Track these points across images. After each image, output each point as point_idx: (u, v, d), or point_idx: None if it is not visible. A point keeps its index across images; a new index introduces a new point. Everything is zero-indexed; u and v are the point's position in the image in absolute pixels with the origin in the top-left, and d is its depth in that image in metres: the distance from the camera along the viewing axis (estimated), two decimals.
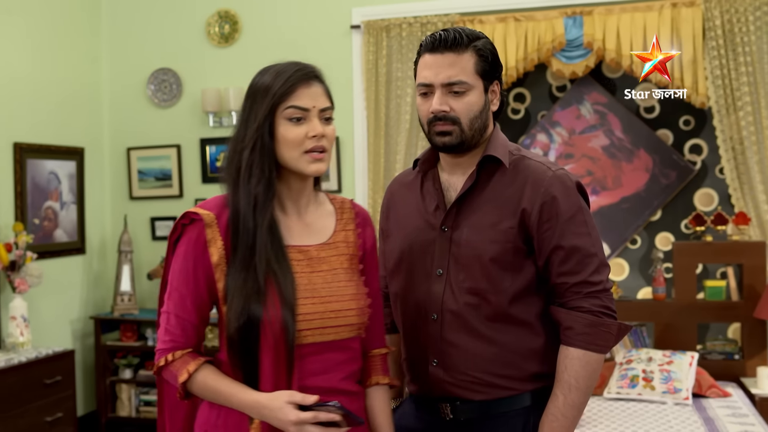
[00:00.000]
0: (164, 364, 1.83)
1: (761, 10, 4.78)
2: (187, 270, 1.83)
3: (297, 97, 1.82)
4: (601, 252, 2.05)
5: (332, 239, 1.95)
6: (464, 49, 2.03)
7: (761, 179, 4.78)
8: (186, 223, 1.86)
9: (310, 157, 1.83)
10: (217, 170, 5.68)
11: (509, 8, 5.17)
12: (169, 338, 1.83)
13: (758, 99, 4.78)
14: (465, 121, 2.03)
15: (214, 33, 5.67)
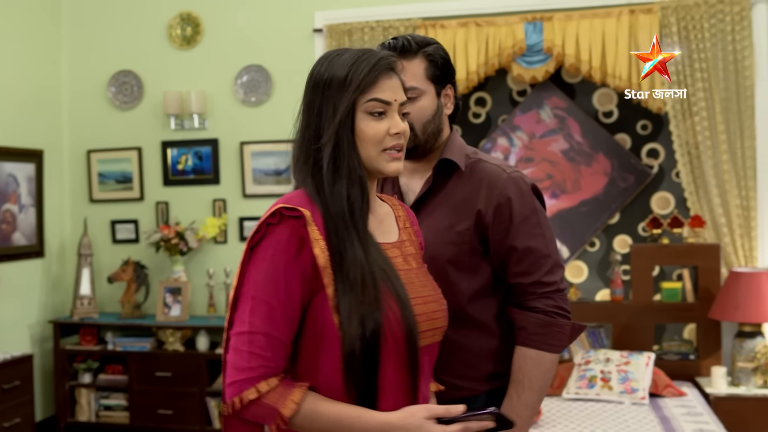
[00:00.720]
0: (256, 397, 1.50)
1: (716, 17, 4.88)
2: (276, 277, 1.54)
3: (380, 89, 1.63)
4: (555, 253, 2.08)
5: (401, 237, 1.78)
6: (413, 55, 2.07)
7: (716, 183, 4.88)
8: (274, 222, 1.58)
9: (389, 156, 1.66)
10: (178, 173, 5.66)
11: (470, 14, 5.22)
12: (259, 363, 1.51)
13: (713, 105, 4.87)
14: (418, 126, 2.07)
15: (176, 35, 5.65)
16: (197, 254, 5.63)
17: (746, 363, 4.60)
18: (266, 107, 5.55)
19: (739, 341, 4.65)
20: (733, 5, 4.85)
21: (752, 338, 4.63)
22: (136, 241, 5.76)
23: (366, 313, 1.53)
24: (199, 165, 5.65)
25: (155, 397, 5.27)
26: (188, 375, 5.24)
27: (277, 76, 5.53)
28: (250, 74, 5.55)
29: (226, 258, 5.60)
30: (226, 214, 5.59)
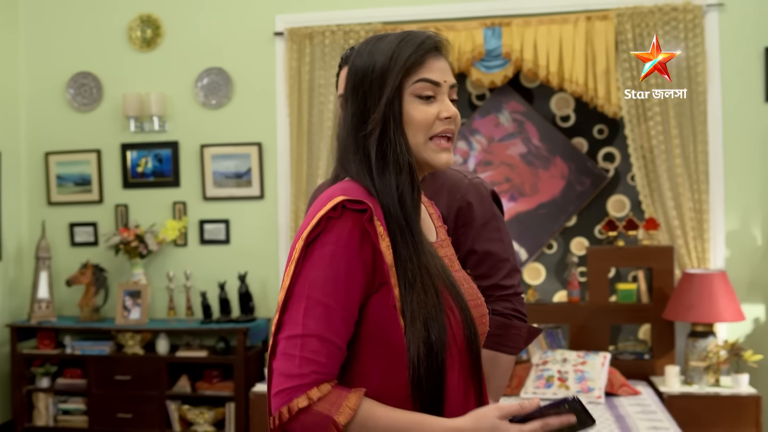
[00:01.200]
0: (307, 405, 1.35)
1: (670, 24, 4.99)
2: (337, 276, 1.40)
3: (427, 68, 1.50)
4: (513, 257, 2.13)
5: (439, 237, 1.64)
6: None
7: (669, 186, 4.98)
8: (335, 215, 1.43)
9: (437, 146, 1.51)
10: (138, 175, 5.63)
11: (430, 18, 5.27)
12: (311, 369, 1.36)
13: (667, 110, 4.98)
14: None
15: (136, 37, 5.63)
16: (157, 257, 5.61)
17: (698, 362, 4.71)
18: (227, 110, 5.55)
19: (692, 341, 4.76)
20: (686, 13, 4.97)
21: (704, 338, 4.74)
22: (95, 244, 5.72)
23: (430, 315, 1.41)
24: (159, 167, 5.63)
25: (114, 400, 5.24)
26: (148, 378, 5.22)
27: (238, 79, 5.53)
28: (211, 77, 5.55)
29: (186, 261, 5.59)
30: (187, 216, 5.58)
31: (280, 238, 5.48)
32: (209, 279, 5.53)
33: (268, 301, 5.52)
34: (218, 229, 5.58)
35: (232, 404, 5.14)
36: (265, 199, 5.52)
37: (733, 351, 4.70)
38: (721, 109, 5.04)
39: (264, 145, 5.50)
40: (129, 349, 5.30)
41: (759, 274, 5.05)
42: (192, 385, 5.25)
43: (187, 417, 5.18)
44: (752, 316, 5.05)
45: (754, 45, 5.03)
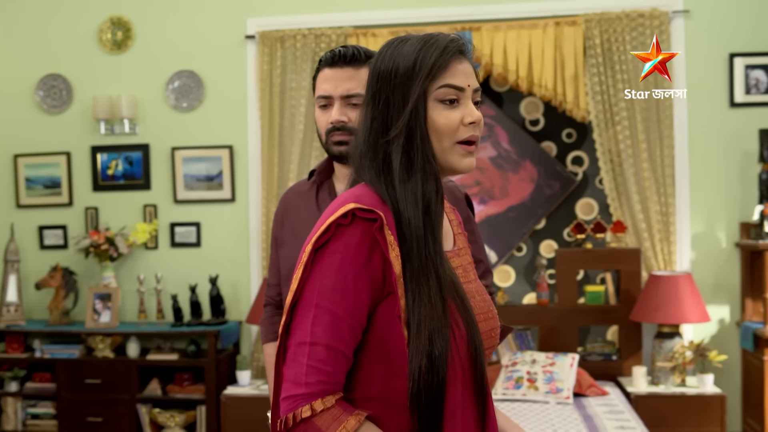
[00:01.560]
0: (309, 416, 1.37)
1: (637, 30, 5.07)
2: (345, 284, 1.40)
3: (451, 74, 1.47)
4: (486, 259, 2.17)
5: (456, 246, 1.61)
6: (362, 64, 2.13)
7: (637, 190, 5.06)
8: (345, 223, 1.42)
9: (463, 150, 1.49)
10: (108, 178, 5.61)
11: (401, 23, 5.31)
12: (318, 378, 1.38)
13: (634, 114, 5.06)
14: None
15: (107, 39, 5.61)
16: (128, 260, 5.59)
17: (665, 362, 4.78)
18: (198, 113, 5.55)
19: (659, 342, 4.84)
20: (653, 19, 5.05)
21: (671, 339, 4.82)
22: (65, 247, 5.69)
23: (435, 329, 1.39)
24: (129, 170, 5.61)
25: (84, 404, 5.22)
26: (118, 382, 5.20)
27: (209, 82, 5.54)
28: (182, 80, 5.55)
29: (156, 264, 5.57)
30: (157, 219, 5.57)
31: (251, 241, 5.49)
32: (180, 282, 5.52)
33: (239, 304, 5.52)
34: (189, 232, 5.57)
35: (203, 407, 5.14)
36: (236, 202, 5.53)
37: (698, 351, 4.78)
38: (687, 114, 5.13)
39: (235, 148, 5.50)
40: (99, 352, 5.28)
41: (723, 275, 5.15)
42: (163, 389, 5.24)
43: (157, 420, 5.17)
44: (717, 317, 5.15)
45: (718, 51, 5.13)
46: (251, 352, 5.43)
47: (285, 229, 2.32)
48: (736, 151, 5.13)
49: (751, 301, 5.03)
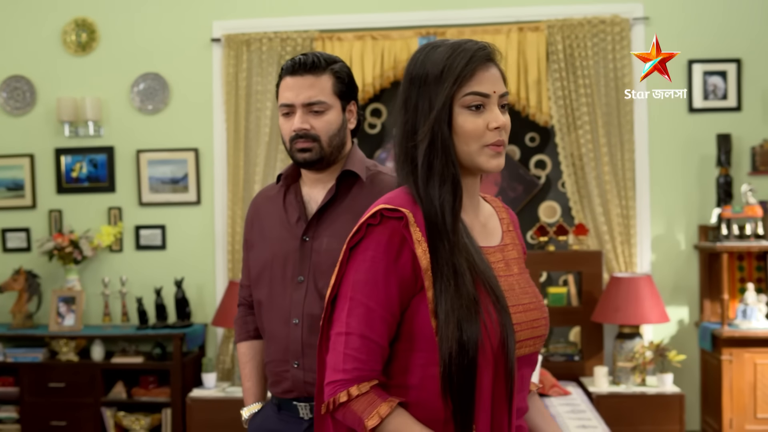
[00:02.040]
0: (346, 400, 1.51)
1: (598, 36, 5.16)
2: (376, 279, 1.53)
3: (477, 81, 1.55)
4: None
5: (504, 241, 1.71)
6: (322, 71, 2.17)
7: (598, 193, 5.15)
8: (374, 222, 1.56)
9: (491, 151, 1.58)
10: (72, 180, 5.58)
11: (366, 27, 5.35)
12: (353, 365, 1.51)
13: (596, 119, 5.15)
14: (324, 138, 2.17)
15: (71, 41, 5.58)
16: (92, 263, 5.57)
17: (626, 362, 4.87)
18: (163, 115, 5.54)
19: (620, 342, 4.93)
20: (614, 25, 5.14)
21: (631, 339, 4.91)
22: (28, 249, 5.64)
23: (464, 317, 1.49)
24: (94, 173, 5.59)
25: (48, 408, 5.18)
26: (83, 385, 5.18)
27: (175, 85, 5.53)
28: (147, 82, 5.54)
29: (121, 266, 5.55)
30: (122, 222, 5.56)
31: (217, 244, 5.49)
32: (145, 285, 5.51)
33: (204, 306, 5.52)
34: (154, 235, 5.56)
35: (169, 410, 5.14)
36: (201, 205, 5.53)
37: (658, 352, 4.87)
38: (647, 118, 5.23)
39: (201, 150, 5.51)
40: (63, 355, 5.25)
41: (682, 277, 5.26)
42: (128, 392, 5.23)
43: (122, 424, 5.16)
44: (676, 317, 5.25)
45: (678, 57, 5.20)
46: (217, 354, 5.43)
47: (254, 232, 2.36)
48: (695, 156, 5.24)
49: (709, 302, 5.14)
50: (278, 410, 2.27)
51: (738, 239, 4.92)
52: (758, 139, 5.17)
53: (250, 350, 2.39)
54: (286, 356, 2.21)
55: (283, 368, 2.23)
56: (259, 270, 2.30)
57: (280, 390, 2.25)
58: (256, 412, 2.35)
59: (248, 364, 2.39)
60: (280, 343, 2.23)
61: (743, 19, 5.20)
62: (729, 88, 5.19)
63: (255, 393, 2.37)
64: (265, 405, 2.36)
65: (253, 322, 2.39)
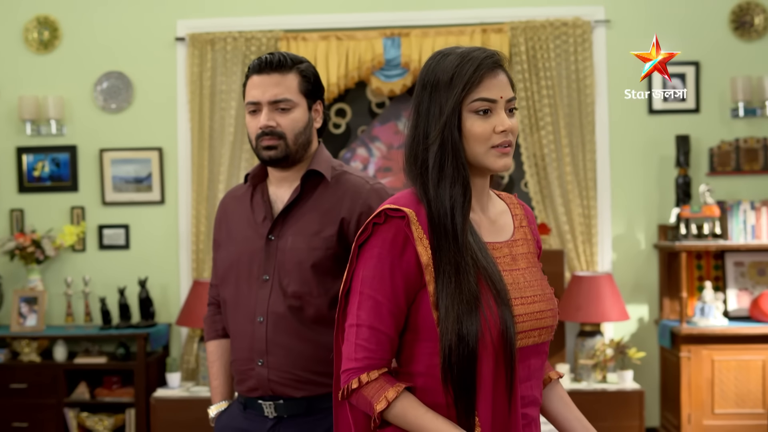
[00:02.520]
0: (357, 387, 1.63)
1: (560, 38, 5.23)
2: (382, 274, 1.64)
3: (484, 87, 1.66)
4: None
5: (514, 237, 1.79)
6: (288, 70, 2.21)
7: (560, 193, 5.22)
8: (380, 221, 1.67)
9: (498, 152, 1.68)
10: (34, 180, 5.53)
11: (331, 27, 5.37)
12: (363, 355, 1.63)
13: (558, 120, 5.22)
14: (290, 136, 2.20)
15: (33, 39, 5.53)
16: (54, 263, 5.52)
17: (587, 360, 4.95)
18: (127, 114, 5.52)
19: (581, 340, 5.00)
20: (576, 28, 5.22)
21: (592, 337, 4.99)
22: None
23: (464, 310, 1.59)
24: (56, 172, 5.55)
25: (10, 409, 5.13)
26: (45, 386, 5.14)
27: (139, 84, 5.51)
28: (111, 81, 5.50)
29: (84, 266, 5.52)
30: (85, 221, 5.52)
31: (181, 243, 5.48)
32: (109, 284, 5.48)
33: (169, 306, 5.51)
34: (118, 235, 5.53)
35: (132, 410, 5.12)
36: (165, 205, 5.51)
37: (618, 349, 4.95)
38: (608, 119, 5.31)
39: (165, 150, 5.49)
40: (25, 356, 5.21)
41: (642, 276, 5.35)
42: (91, 392, 5.20)
43: (85, 424, 5.13)
44: (636, 315, 5.34)
45: (638, 60, 5.30)
46: (181, 354, 5.42)
47: (222, 232, 2.39)
48: (655, 156, 5.33)
49: (668, 300, 5.24)
50: (244, 409, 2.29)
51: (696, 238, 5.01)
52: (716, 141, 5.27)
53: (218, 349, 2.41)
54: (250, 354, 2.23)
55: (247, 366, 2.25)
56: (226, 269, 2.32)
57: (245, 388, 2.27)
58: (223, 410, 2.36)
59: (216, 363, 2.40)
60: (245, 342, 2.25)
61: (702, 23, 5.30)
62: (688, 90, 5.29)
63: (222, 391, 2.39)
64: (231, 403, 2.38)
65: (221, 321, 2.40)
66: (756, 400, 4.86)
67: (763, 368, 4.89)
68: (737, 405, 4.89)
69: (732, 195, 5.26)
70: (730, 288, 5.20)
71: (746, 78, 5.17)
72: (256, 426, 2.25)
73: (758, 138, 5.24)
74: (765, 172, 5.25)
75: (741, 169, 5.25)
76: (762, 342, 4.88)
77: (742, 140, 5.24)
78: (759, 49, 5.30)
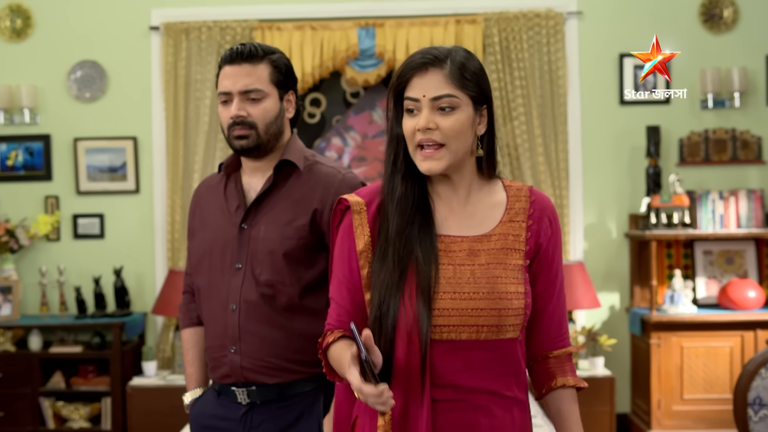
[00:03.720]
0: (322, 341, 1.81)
1: (533, 30, 5.28)
2: (342, 255, 1.81)
3: (411, 87, 1.73)
4: None
5: (494, 231, 1.78)
6: (260, 60, 2.23)
7: (533, 182, 5.28)
8: (342, 209, 1.83)
9: (421, 155, 1.73)
10: (7, 169, 5.51)
11: (306, 17, 5.39)
12: (329, 321, 1.82)
13: (531, 110, 5.27)
14: (261, 126, 2.23)
15: (5, 27, 5.50)
16: (29, 252, 5.51)
17: None
18: (101, 103, 5.50)
19: None
20: (548, 19, 5.27)
21: None
22: None
23: (384, 296, 1.71)
24: (30, 161, 5.52)
25: None
26: (20, 375, 5.13)
27: (113, 73, 5.49)
28: (84, 70, 5.49)
29: (59, 256, 5.51)
30: (59, 211, 5.51)
31: (156, 233, 5.49)
32: (83, 274, 5.47)
33: (144, 295, 5.51)
34: (92, 224, 5.53)
35: (108, 399, 5.13)
36: (140, 194, 5.51)
37: (590, 336, 5.03)
38: (580, 110, 5.38)
39: (139, 139, 5.49)
40: None
41: (613, 264, 5.43)
42: (66, 381, 5.20)
43: (61, 413, 5.13)
44: (607, 303, 5.43)
45: (609, 51, 5.39)
46: (157, 342, 5.43)
47: (196, 221, 2.41)
48: (626, 147, 5.41)
49: (639, 288, 5.32)
50: (218, 395, 2.33)
51: (666, 227, 5.09)
52: (686, 131, 5.36)
53: (193, 336, 2.44)
54: (223, 341, 2.27)
55: (221, 353, 2.28)
56: (199, 257, 2.35)
57: (219, 375, 2.31)
58: (198, 397, 2.40)
59: (191, 350, 2.43)
60: (218, 329, 2.28)
61: (672, 15, 5.37)
62: (658, 81, 5.36)
63: (197, 378, 2.43)
64: (206, 390, 2.41)
65: (196, 309, 2.43)
66: (724, 386, 4.96)
67: (731, 355, 4.99)
68: (705, 391, 4.98)
69: (701, 185, 5.35)
70: (699, 276, 5.29)
71: (715, 70, 5.25)
72: (230, 412, 2.29)
73: (727, 129, 5.33)
74: (733, 162, 5.34)
75: (710, 159, 5.34)
76: (730, 329, 4.98)
77: (711, 131, 5.32)
78: (728, 42, 5.38)
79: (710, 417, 4.95)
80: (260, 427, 2.26)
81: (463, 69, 1.73)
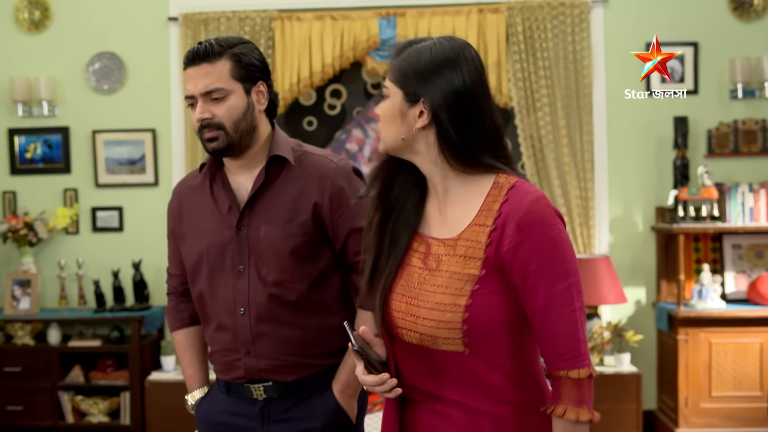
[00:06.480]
0: None
1: (558, 19, 5.18)
2: None
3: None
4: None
5: (461, 235, 1.67)
6: (217, 57, 2.12)
7: (557, 175, 5.18)
8: None
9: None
10: (26, 162, 5.48)
11: (326, 7, 5.31)
12: None
13: (555, 101, 5.17)
14: (228, 125, 2.13)
15: (24, 19, 5.46)
16: (48, 245, 5.48)
17: None
18: (120, 95, 5.46)
19: None
20: (573, 8, 5.16)
21: (590, 320, 4.97)
22: None
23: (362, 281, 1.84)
24: (48, 153, 5.49)
25: (3, 393, 5.11)
26: (39, 369, 5.11)
27: (131, 65, 5.44)
28: (103, 61, 5.44)
29: (78, 249, 5.47)
30: (78, 204, 5.47)
31: None
32: (102, 267, 5.44)
33: (162, 288, 5.46)
34: (111, 217, 5.49)
35: (127, 393, 5.09)
36: (159, 186, 5.47)
37: (615, 332, 4.94)
38: (605, 100, 5.27)
39: (158, 131, 5.44)
40: (19, 339, 5.18)
41: (639, 258, 5.32)
42: (85, 375, 5.17)
43: (80, 408, 5.11)
44: (633, 298, 5.32)
45: (635, 40, 5.27)
46: None
47: (184, 224, 2.31)
48: (652, 138, 5.29)
49: (665, 282, 5.21)
50: (227, 392, 2.27)
51: (694, 221, 4.98)
52: (714, 122, 5.23)
53: (187, 337, 2.39)
54: (235, 346, 2.22)
55: (233, 357, 2.23)
56: (195, 262, 2.27)
57: (231, 377, 2.26)
58: (203, 396, 2.36)
59: (187, 352, 2.39)
60: (228, 334, 2.23)
61: (701, 3, 5.25)
62: (686, 71, 5.24)
63: (198, 378, 2.39)
64: (210, 389, 2.36)
65: (186, 310, 2.38)
66: (753, 383, 4.85)
67: (761, 351, 4.87)
68: (735, 388, 4.87)
69: (730, 177, 5.22)
70: (728, 270, 5.17)
71: (745, 59, 5.12)
72: (245, 408, 2.24)
73: (757, 120, 5.20)
74: (763, 153, 5.21)
75: (739, 150, 5.21)
76: (759, 325, 4.86)
77: (741, 122, 5.20)
78: (758, 30, 5.25)
79: (739, 414, 4.84)
80: (279, 419, 2.22)
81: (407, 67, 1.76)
